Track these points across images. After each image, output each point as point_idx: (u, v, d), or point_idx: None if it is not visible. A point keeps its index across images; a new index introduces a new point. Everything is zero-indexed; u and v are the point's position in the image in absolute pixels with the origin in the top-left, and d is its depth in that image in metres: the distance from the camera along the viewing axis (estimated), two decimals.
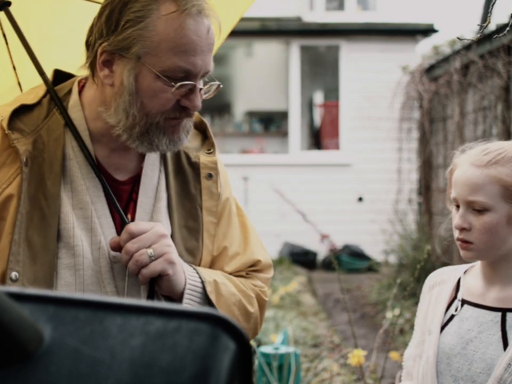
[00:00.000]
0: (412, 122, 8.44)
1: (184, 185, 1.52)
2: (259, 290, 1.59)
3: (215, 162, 1.56)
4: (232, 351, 0.50)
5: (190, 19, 1.34)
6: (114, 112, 1.40)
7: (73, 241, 1.40)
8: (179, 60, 1.34)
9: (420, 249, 6.89)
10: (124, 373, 0.48)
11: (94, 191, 1.44)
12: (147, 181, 1.50)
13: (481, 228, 1.54)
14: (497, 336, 1.55)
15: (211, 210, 1.53)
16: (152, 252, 1.37)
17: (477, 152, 1.58)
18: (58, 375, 0.48)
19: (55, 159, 1.41)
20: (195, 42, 1.34)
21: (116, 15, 1.35)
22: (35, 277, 1.35)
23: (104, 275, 1.42)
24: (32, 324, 0.50)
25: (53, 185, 1.40)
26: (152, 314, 0.51)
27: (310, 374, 4.29)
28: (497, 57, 5.76)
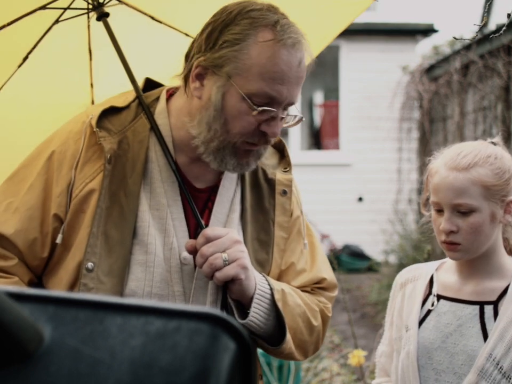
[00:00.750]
0: (412, 122, 8.45)
1: (259, 200, 1.59)
2: (323, 306, 1.65)
3: (291, 180, 1.64)
4: (232, 351, 0.50)
5: (284, 49, 1.39)
6: (198, 123, 1.46)
7: (147, 239, 1.46)
8: (266, 86, 1.39)
9: (420, 249, 6.90)
10: (124, 373, 0.48)
11: (171, 194, 1.51)
12: (224, 192, 1.56)
13: (468, 229, 1.60)
14: (476, 328, 1.61)
15: (283, 226, 1.60)
16: (226, 256, 1.42)
17: (453, 156, 1.63)
18: (58, 375, 0.48)
19: (138, 160, 1.48)
20: (284, 72, 1.40)
21: (216, 34, 1.42)
22: (109, 269, 1.43)
23: (173, 275, 1.48)
24: (32, 323, 0.50)
25: (133, 184, 1.47)
26: (152, 314, 0.51)
27: (310, 374, 4.29)
28: (497, 57, 5.76)
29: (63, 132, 1.53)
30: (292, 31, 1.41)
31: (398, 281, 1.80)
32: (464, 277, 1.68)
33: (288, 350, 1.55)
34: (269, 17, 1.41)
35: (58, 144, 1.50)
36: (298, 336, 1.58)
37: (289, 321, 1.54)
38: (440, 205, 1.63)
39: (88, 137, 1.48)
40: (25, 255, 1.47)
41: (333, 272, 1.73)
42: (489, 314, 1.62)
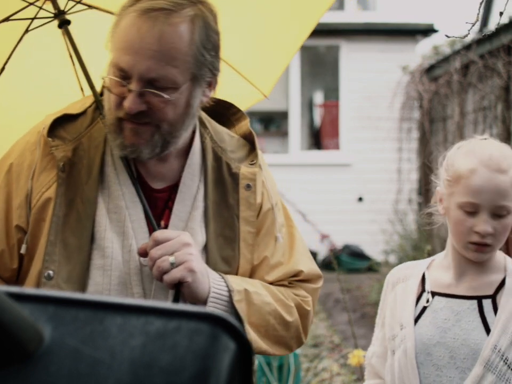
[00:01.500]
0: (412, 122, 8.45)
1: (223, 195, 1.56)
2: (300, 299, 1.62)
3: (255, 173, 1.59)
4: (232, 351, 0.50)
5: (139, 18, 1.35)
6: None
7: (104, 243, 1.47)
8: (116, 56, 1.39)
9: (420, 249, 6.89)
10: (124, 373, 0.48)
11: (130, 196, 1.50)
12: (185, 189, 1.54)
13: (502, 230, 1.62)
14: (476, 322, 1.63)
15: (248, 220, 1.57)
16: (173, 259, 1.41)
17: (492, 158, 1.62)
18: (58, 375, 0.48)
19: (94, 165, 1.49)
20: (132, 41, 1.36)
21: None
22: (69, 276, 1.43)
23: (132, 277, 1.48)
24: (32, 324, 0.50)
25: (90, 190, 1.47)
26: (152, 314, 0.51)
27: (310, 374, 4.29)
28: (497, 57, 5.76)
29: (20, 143, 1.55)
30: (157, 2, 1.36)
31: (389, 280, 1.81)
32: (459, 273, 1.69)
33: (258, 349, 1.54)
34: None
35: (16, 156, 1.52)
36: (272, 333, 1.57)
37: (258, 319, 1.53)
38: (477, 206, 1.60)
39: (43, 147, 1.49)
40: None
41: (314, 263, 1.69)
42: (488, 308, 1.63)
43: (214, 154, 1.57)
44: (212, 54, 1.44)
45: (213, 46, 1.44)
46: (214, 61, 1.45)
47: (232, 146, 1.60)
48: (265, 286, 1.58)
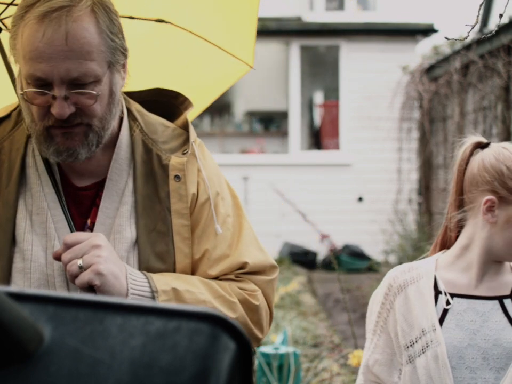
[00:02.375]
0: (412, 122, 8.45)
1: (154, 189, 1.51)
2: (247, 293, 1.54)
3: (183, 163, 1.51)
4: (232, 351, 0.50)
5: (37, 25, 1.33)
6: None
7: (24, 246, 1.45)
8: (30, 67, 1.35)
9: (419, 249, 6.89)
10: (124, 373, 0.48)
11: (51, 197, 1.48)
12: (111, 185, 1.50)
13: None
14: (504, 322, 1.64)
15: (181, 213, 1.51)
16: (81, 262, 1.38)
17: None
18: (58, 375, 0.48)
19: (14, 167, 1.48)
20: (40, 49, 1.33)
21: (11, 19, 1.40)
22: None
23: (56, 278, 1.45)
24: (32, 323, 0.50)
25: (9, 193, 1.46)
26: (152, 314, 0.51)
27: (310, 374, 4.29)
28: (497, 57, 5.76)
29: None
30: (53, 2, 1.33)
31: (393, 284, 1.74)
32: (478, 273, 1.69)
33: None
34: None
35: None
36: None
37: None
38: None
39: None
40: None
41: (266, 253, 1.60)
42: (510, 307, 1.66)
43: (144, 147, 1.52)
44: (120, 36, 1.42)
45: (118, 28, 1.42)
46: (122, 43, 1.43)
47: (165, 137, 1.55)
48: (204, 283, 1.51)
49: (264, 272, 1.58)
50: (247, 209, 9.42)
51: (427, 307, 1.67)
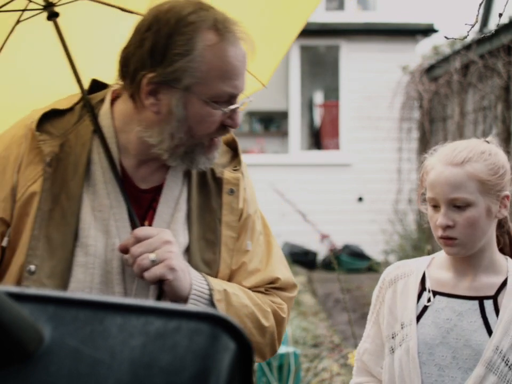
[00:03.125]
0: (412, 122, 8.45)
1: (206, 199, 1.58)
2: (277, 306, 1.63)
3: (238, 178, 1.62)
4: (232, 351, 0.50)
5: (231, 46, 1.43)
6: (158, 134, 1.46)
7: (88, 241, 1.47)
8: (225, 86, 1.43)
9: (419, 249, 6.89)
10: (124, 373, 0.48)
11: (115, 196, 1.51)
12: (169, 191, 1.56)
13: (465, 223, 1.62)
14: (479, 323, 1.63)
15: (230, 225, 1.59)
16: (154, 256, 1.42)
17: (448, 152, 1.66)
18: (58, 375, 0.48)
19: (80, 162, 1.49)
20: (237, 67, 1.44)
21: (162, 48, 1.41)
22: (51, 272, 1.43)
23: (115, 276, 1.48)
24: (32, 323, 0.50)
25: (75, 187, 1.48)
26: (152, 314, 0.51)
27: (310, 374, 4.29)
28: (497, 57, 5.76)
29: (6, 136, 1.54)
30: (229, 24, 1.44)
31: (386, 278, 1.80)
32: (459, 273, 1.70)
33: None
34: (206, 17, 1.42)
35: (1, 149, 1.51)
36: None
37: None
38: (436, 200, 1.64)
39: (30, 141, 1.49)
40: None
41: (290, 272, 1.71)
42: (489, 308, 1.64)
43: None
44: None
45: None
46: None
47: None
48: (243, 290, 1.59)
49: (287, 289, 1.68)
50: None
51: (409, 302, 1.71)
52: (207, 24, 1.42)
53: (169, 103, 1.43)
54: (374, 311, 1.82)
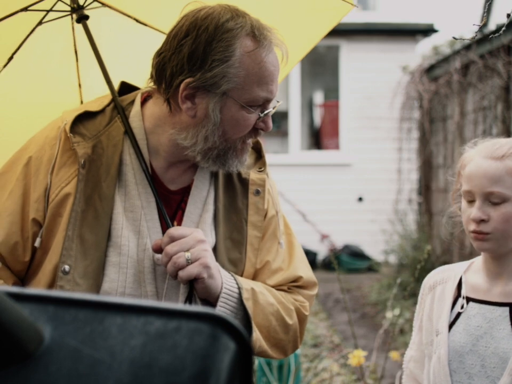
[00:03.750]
0: (412, 122, 8.44)
1: (233, 199, 1.62)
2: (299, 304, 1.67)
3: (264, 180, 1.66)
4: (232, 351, 0.50)
5: (268, 53, 1.47)
6: (192, 137, 1.49)
7: (121, 241, 1.50)
8: (261, 90, 1.46)
9: (420, 249, 6.89)
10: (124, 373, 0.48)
11: (146, 196, 1.54)
12: (197, 192, 1.59)
13: (500, 219, 1.57)
14: (507, 330, 1.59)
15: (256, 225, 1.62)
16: (189, 255, 1.45)
17: (488, 146, 1.62)
18: (58, 375, 0.48)
19: (112, 163, 1.52)
20: (273, 73, 1.48)
21: (201, 54, 1.44)
22: (85, 272, 1.46)
23: (146, 275, 1.51)
24: (32, 323, 0.50)
25: (108, 188, 1.50)
26: (152, 314, 0.51)
27: (310, 374, 4.29)
28: (497, 57, 5.76)
29: (39, 137, 1.56)
30: (266, 31, 1.48)
31: (426, 284, 1.77)
32: (492, 277, 1.66)
33: (258, 348, 1.57)
34: (243, 24, 1.46)
35: (35, 150, 1.53)
36: (272, 335, 1.60)
37: (261, 320, 1.57)
38: (472, 194, 1.60)
39: (63, 142, 1.51)
40: (7, 259, 1.50)
41: (311, 271, 1.74)
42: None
43: None
44: None
45: None
46: None
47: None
48: (268, 289, 1.62)
49: (309, 287, 1.71)
50: None
51: (444, 309, 1.69)
52: (245, 31, 1.45)
53: (206, 107, 1.46)
54: (418, 317, 1.79)
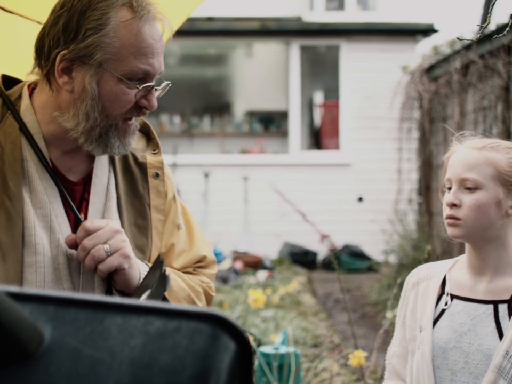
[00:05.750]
0: (412, 122, 8.44)
1: (133, 185, 1.59)
2: (206, 286, 1.66)
3: (161, 162, 1.63)
4: (232, 351, 0.50)
5: (146, 24, 1.42)
6: (73, 116, 1.45)
7: (35, 240, 1.44)
8: (139, 63, 1.42)
9: (420, 249, 6.89)
10: (124, 373, 0.48)
11: (50, 191, 1.49)
12: (97, 181, 1.55)
13: (471, 205, 1.59)
14: (491, 328, 1.60)
15: (159, 208, 1.60)
16: (108, 247, 1.42)
17: (474, 139, 1.67)
18: (58, 375, 0.48)
19: (15, 160, 1.46)
20: (152, 45, 1.43)
21: (74, 24, 1.40)
22: (6, 275, 1.40)
23: (62, 272, 1.46)
24: (32, 323, 0.50)
25: (15, 186, 1.44)
26: (152, 314, 0.51)
27: (310, 374, 4.29)
28: (497, 57, 5.76)
29: None
30: (147, 4, 1.45)
31: (409, 280, 1.78)
32: (476, 274, 1.67)
33: None
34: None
35: None
36: None
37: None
38: (450, 181, 1.64)
39: None
40: None
41: (211, 249, 1.73)
42: (503, 313, 1.61)
43: None
44: None
45: None
46: None
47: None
48: (177, 273, 1.61)
49: (209, 266, 1.70)
50: (247, 209, 9.42)
51: (427, 305, 1.70)
52: (122, 1, 1.42)
53: (83, 80, 1.42)
54: (400, 314, 1.80)
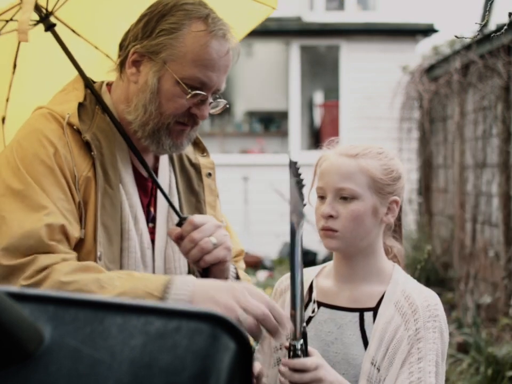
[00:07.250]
0: (412, 122, 8.45)
1: (189, 183, 1.71)
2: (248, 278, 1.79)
3: (213, 163, 1.78)
4: (232, 351, 0.50)
5: (214, 40, 1.52)
6: (134, 108, 1.55)
7: (128, 226, 1.55)
8: (198, 72, 1.52)
9: (420, 249, 6.89)
10: (124, 373, 0.48)
11: (132, 185, 1.59)
12: (162, 178, 1.66)
13: (348, 216, 1.55)
14: (356, 336, 1.56)
15: (211, 205, 1.74)
16: (214, 240, 1.51)
17: (345, 146, 1.63)
18: (58, 375, 0.48)
19: (112, 153, 1.56)
20: (215, 59, 1.52)
21: (153, 24, 1.54)
22: (113, 257, 1.50)
23: (143, 259, 1.57)
24: (32, 323, 0.50)
25: (114, 176, 1.54)
26: (152, 314, 0.51)
27: None
28: (497, 57, 5.76)
29: (42, 133, 1.48)
30: (221, 24, 1.55)
31: (277, 288, 1.73)
32: (341, 281, 1.62)
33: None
34: (201, 10, 1.54)
35: (49, 144, 1.47)
36: None
37: None
38: (324, 190, 1.59)
39: (71, 133, 1.51)
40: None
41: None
42: (369, 321, 1.56)
43: None
44: None
45: None
46: None
47: (194, 136, 1.71)
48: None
49: (242, 259, 1.85)
50: (247, 209, 9.42)
51: None
52: (199, 14, 1.53)
53: (147, 74, 1.53)
54: None
